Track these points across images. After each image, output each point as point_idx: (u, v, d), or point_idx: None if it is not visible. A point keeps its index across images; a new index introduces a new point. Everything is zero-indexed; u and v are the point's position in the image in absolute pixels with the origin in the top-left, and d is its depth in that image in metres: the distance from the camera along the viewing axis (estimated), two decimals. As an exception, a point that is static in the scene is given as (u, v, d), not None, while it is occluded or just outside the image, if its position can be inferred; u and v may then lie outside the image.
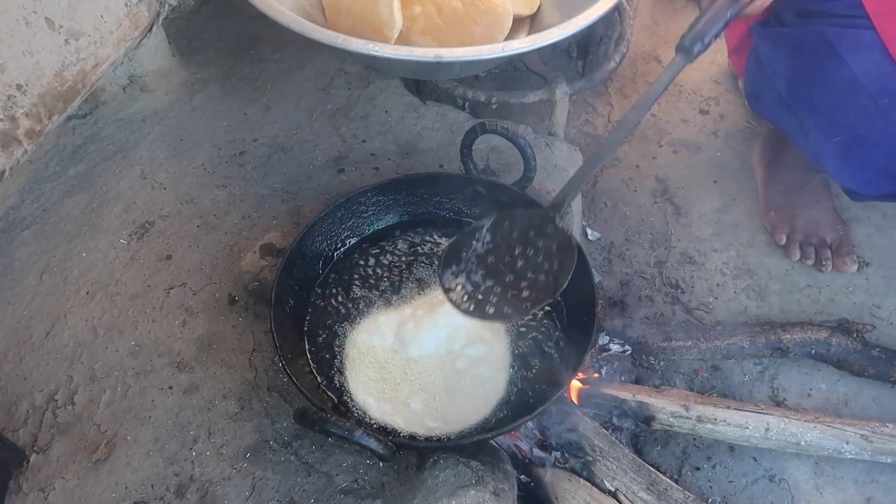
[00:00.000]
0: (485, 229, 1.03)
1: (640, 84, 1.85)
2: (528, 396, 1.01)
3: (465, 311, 0.97)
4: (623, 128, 1.00)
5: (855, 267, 1.43)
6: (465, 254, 1.02)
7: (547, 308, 1.10)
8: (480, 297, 0.98)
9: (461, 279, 1.00)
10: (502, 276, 0.99)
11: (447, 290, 0.99)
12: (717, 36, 1.00)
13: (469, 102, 1.57)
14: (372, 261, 1.16)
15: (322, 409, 0.86)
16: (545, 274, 0.97)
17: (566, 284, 0.95)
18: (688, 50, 0.98)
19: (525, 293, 0.97)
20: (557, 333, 1.08)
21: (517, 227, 1.02)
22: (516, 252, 1.01)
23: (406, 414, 0.98)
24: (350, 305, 1.10)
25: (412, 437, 0.95)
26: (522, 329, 1.08)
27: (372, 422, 0.97)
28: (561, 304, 1.10)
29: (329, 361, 1.04)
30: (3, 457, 1.01)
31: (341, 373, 1.03)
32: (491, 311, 0.96)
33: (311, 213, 1.26)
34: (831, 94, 1.18)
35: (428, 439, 0.95)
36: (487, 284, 0.99)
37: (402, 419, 0.97)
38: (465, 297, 0.99)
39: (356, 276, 1.14)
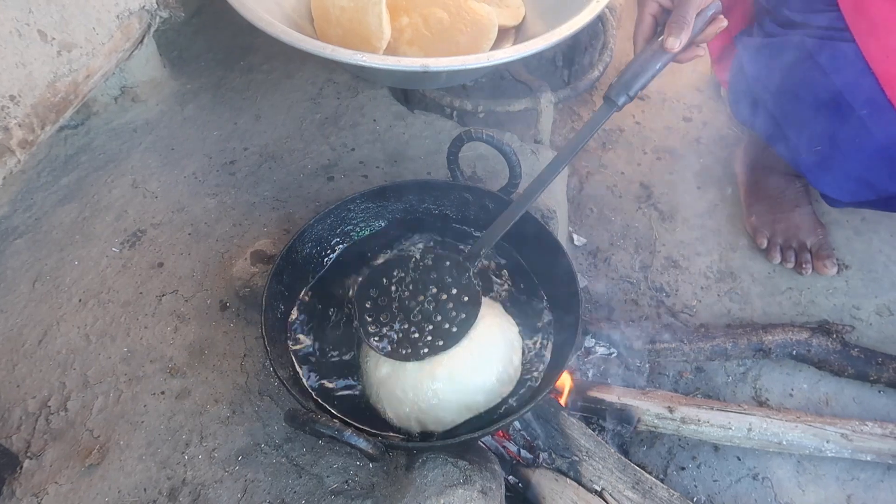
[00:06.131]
0: (405, 264, 1.06)
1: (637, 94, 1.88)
2: (513, 397, 1.03)
3: (370, 345, 1.00)
4: (549, 171, 1.03)
5: (835, 270, 1.46)
6: (382, 287, 1.05)
7: (533, 310, 1.12)
8: (390, 335, 1.01)
9: (377, 313, 1.04)
10: (412, 317, 1.02)
11: (366, 330, 1.02)
12: (643, 88, 1.02)
13: (456, 111, 1.60)
14: (361, 267, 1.18)
15: (312, 410, 0.88)
16: (450, 322, 1.00)
17: (464, 337, 0.98)
18: (613, 101, 1.01)
19: (428, 337, 1.00)
20: (542, 335, 1.10)
21: (435, 269, 1.05)
22: (429, 294, 1.04)
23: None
24: (339, 311, 1.12)
25: (401, 436, 0.97)
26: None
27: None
28: (546, 308, 1.12)
29: (319, 365, 1.06)
30: (-3, 463, 1.02)
31: (332, 375, 1.05)
32: (390, 349, 1.00)
33: (301, 220, 1.28)
34: (812, 104, 1.22)
35: (419, 437, 0.98)
36: (398, 324, 1.02)
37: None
38: (376, 333, 1.01)
39: (345, 282, 1.16)
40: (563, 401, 1.23)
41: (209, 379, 1.09)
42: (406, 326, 1.01)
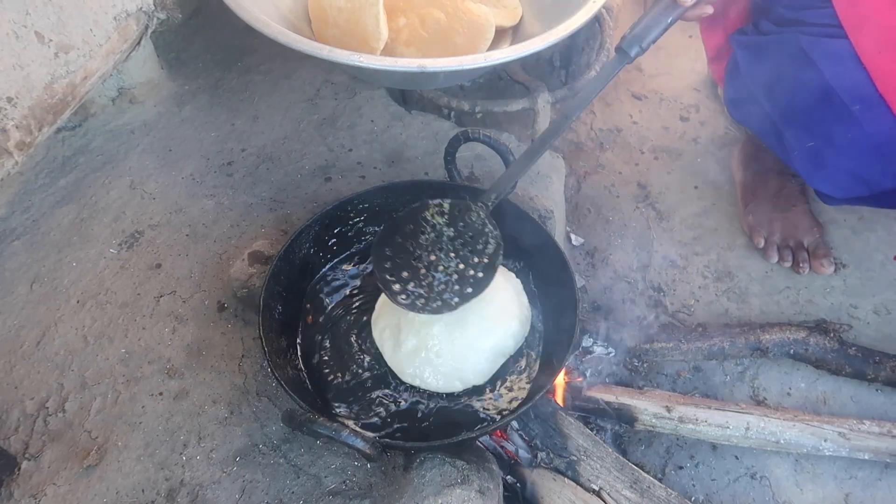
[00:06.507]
0: (415, 218, 1.06)
1: (621, 92, 1.88)
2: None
3: (398, 303, 1.00)
4: (561, 121, 1.03)
5: (832, 269, 1.46)
6: (397, 245, 1.05)
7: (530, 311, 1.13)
8: (415, 291, 1.01)
9: (397, 271, 1.03)
10: (435, 269, 1.02)
11: (391, 290, 1.01)
12: (654, 41, 1.02)
13: (454, 111, 1.60)
14: (357, 268, 1.18)
15: (309, 410, 0.88)
16: (473, 268, 1.01)
17: (491, 281, 0.99)
18: (625, 52, 1.01)
19: (455, 287, 1.00)
20: (539, 336, 1.10)
21: (449, 217, 1.05)
22: (446, 243, 1.04)
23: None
24: (336, 310, 1.13)
25: (398, 437, 0.97)
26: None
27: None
28: (543, 307, 1.13)
29: (316, 364, 1.06)
30: (-5, 464, 1.02)
31: (328, 375, 1.05)
32: (419, 305, 0.99)
33: (299, 220, 1.28)
34: (806, 101, 1.22)
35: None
36: (422, 279, 1.02)
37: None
38: (402, 291, 1.01)
39: (342, 282, 1.16)
40: (560, 400, 1.23)
41: (207, 380, 1.09)
42: (430, 280, 1.01)
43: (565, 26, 1.27)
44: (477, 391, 1.04)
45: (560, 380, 1.26)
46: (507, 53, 1.23)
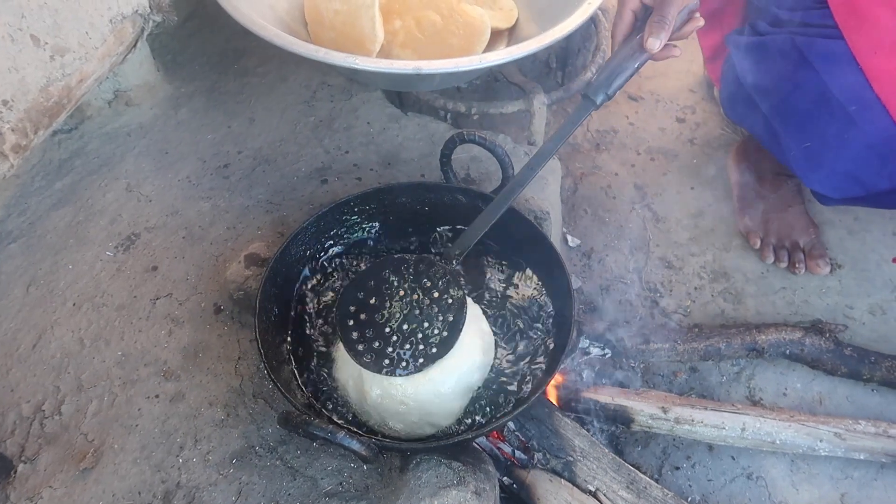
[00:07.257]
0: (379, 274, 1.03)
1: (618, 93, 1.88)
2: (507, 398, 1.03)
3: (364, 366, 0.96)
4: (527, 171, 1.03)
5: (827, 269, 1.46)
6: (361, 302, 1.02)
7: (526, 312, 1.13)
8: (382, 351, 0.97)
9: (362, 329, 0.99)
10: (400, 328, 0.99)
11: (356, 351, 0.98)
12: (621, 86, 1.02)
13: (450, 113, 1.60)
14: (354, 269, 1.18)
15: (305, 412, 0.88)
16: (439, 328, 0.98)
17: (456, 342, 0.96)
18: (591, 100, 1.01)
19: (420, 347, 0.97)
20: (536, 336, 1.10)
21: (413, 275, 1.03)
22: (412, 302, 1.01)
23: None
24: (333, 313, 1.13)
25: (394, 437, 0.98)
26: (502, 333, 1.10)
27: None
28: (541, 307, 1.13)
29: (312, 367, 1.06)
30: (-9, 467, 1.02)
31: (325, 377, 1.05)
32: (383, 366, 0.96)
33: (295, 223, 1.28)
34: (802, 102, 1.22)
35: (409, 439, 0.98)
36: (387, 339, 0.98)
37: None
38: (366, 352, 0.98)
39: (339, 284, 1.16)
40: (556, 401, 1.23)
41: (203, 382, 1.09)
42: (396, 339, 0.98)
43: (561, 28, 1.28)
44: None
45: (556, 381, 1.26)
46: (503, 55, 1.23)
